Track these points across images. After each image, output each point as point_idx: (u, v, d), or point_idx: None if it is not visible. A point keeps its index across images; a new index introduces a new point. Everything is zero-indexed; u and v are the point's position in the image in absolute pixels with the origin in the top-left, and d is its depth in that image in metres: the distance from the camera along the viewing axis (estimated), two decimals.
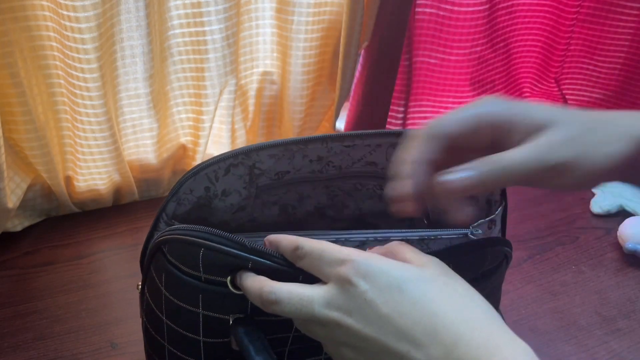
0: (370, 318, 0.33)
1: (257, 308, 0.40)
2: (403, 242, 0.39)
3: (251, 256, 0.39)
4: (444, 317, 0.32)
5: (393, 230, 0.50)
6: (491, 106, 0.36)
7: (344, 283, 0.34)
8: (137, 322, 0.60)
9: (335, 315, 0.34)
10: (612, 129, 0.35)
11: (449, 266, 0.39)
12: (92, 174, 0.70)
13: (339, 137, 0.47)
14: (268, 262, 0.39)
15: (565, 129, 0.34)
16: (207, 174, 0.45)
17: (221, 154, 0.45)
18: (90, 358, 0.56)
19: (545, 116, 0.35)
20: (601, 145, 0.34)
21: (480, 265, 0.44)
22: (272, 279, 0.38)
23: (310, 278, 0.39)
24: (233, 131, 0.77)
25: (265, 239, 0.40)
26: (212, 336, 0.42)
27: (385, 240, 0.50)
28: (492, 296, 0.48)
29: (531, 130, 0.35)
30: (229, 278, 0.40)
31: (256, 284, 0.37)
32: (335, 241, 0.49)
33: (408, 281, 0.33)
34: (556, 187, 0.36)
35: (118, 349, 0.57)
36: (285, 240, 0.39)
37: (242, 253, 0.39)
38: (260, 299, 0.37)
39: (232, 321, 0.40)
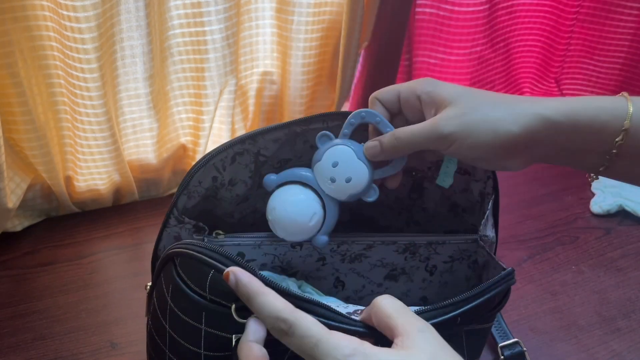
0: None
1: None
2: (392, 301, 0.37)
3: None
4: None
5: (400, 235, 0.50)
6: (417, 84, 0.44)
7: None
8: (137, 322, 0.60)
9: None
10: (508, 109, 0.40)
11: (458, 319, 0.41)
12: (92, 174, 0.70)
13: (339, 115, 0.47)
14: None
15: (460, 106, 0.41)
16: (215, 164, 0.46)
17: (228, 141, 0.46)
18: (90, 358, 0.56)
19: (449, 95, 0.41)
20: (491, 122, 0.40)
21: (488, 307, 0.44)
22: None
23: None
24: (233, 131, 0.77)
25: (230, 270, 0.37)
26: (213, 350, 0.42)
27: (393, 244, 0.49)
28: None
29: (438, 106, 0.42)
30: (233, 306, 0.39)
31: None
32: (342, 244, 0.49)
33: None
34: (455, 155, 0.42)
35: (118, 349, 0.57)
36: (265, 300, 0.35)
37: None
38: None
39: (235, 341, 0.39)
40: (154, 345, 0.46)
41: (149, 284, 0.47)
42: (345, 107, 0.86)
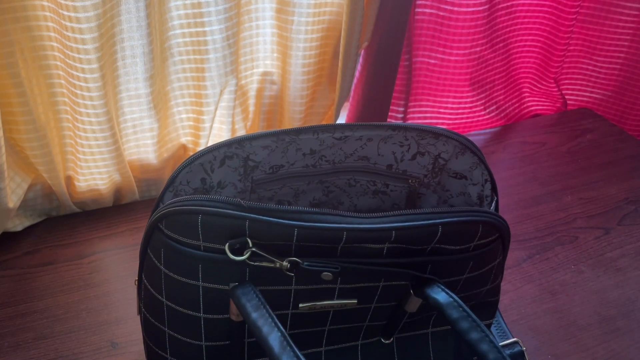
0: None
1: (255, 276, 0.41)
2: None
3: (249, 214, 0.40)
4: None
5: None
6: None
7: None
8: (138, 321, 0.60)
9: None
10: None
11: (439, 229, 0.41)
12: (92, 174, 0.71)
13: (329, 128, 0.47)
14: (265, 217, 0.40)
15: None
16: (202, 164, 0.46)
17: (214, 144, 0.46)
18: (90, 358, 0.56)
19: None
20: None
21: (471, 237, 0.44)
22: (269, 232, 0.39)
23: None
24: (233, 131, 0.77)
25: None
26: (212, 312, 0.42)
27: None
28: (494, 277, 0.47)
29: None
30: (227, 244, 0.40)
31: None
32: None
33: None
34: None
35: (118, 348, 0.57)
36: None
37: (239, 213, 0.40)
38: None
39: (232, 287, 0.41)
40: (152, 334, 0.46)
41: (137, 278, 0.47)
42: (345, 107, 0.86)
